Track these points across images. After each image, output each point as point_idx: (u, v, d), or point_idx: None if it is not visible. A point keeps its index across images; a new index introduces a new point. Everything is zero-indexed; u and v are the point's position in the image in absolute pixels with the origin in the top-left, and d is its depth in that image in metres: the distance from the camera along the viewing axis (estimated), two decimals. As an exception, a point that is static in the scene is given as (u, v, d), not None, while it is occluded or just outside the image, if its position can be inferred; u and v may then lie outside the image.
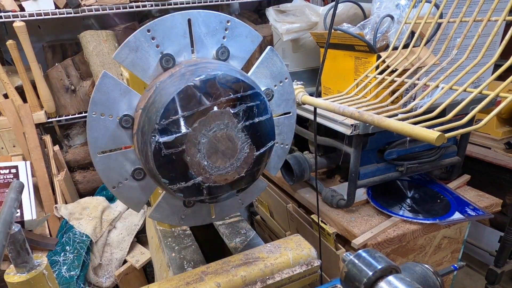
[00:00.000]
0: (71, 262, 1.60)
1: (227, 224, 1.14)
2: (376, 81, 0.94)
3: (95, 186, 2.13)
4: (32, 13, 1.72)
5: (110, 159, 0.70)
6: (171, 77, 0.64)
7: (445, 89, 0.77)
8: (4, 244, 0.52)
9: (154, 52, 0.67)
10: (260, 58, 0.78)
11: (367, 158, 1.23)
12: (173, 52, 0.68)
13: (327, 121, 1.16)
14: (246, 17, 2.42)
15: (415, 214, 1.21)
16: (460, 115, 0.62)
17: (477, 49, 1.16)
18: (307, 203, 1.38)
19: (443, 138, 0.52)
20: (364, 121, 0.68)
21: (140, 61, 0.66)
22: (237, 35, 0.73)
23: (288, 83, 0.82)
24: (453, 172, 1.40)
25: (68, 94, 2.02)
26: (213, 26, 0.71)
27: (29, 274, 0.55)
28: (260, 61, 0.78)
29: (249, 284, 0.71)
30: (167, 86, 0.62)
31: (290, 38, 1.44)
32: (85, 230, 1.71)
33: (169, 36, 0.67)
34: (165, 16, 0.66)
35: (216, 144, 0.64)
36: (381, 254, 0.53)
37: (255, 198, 1.82)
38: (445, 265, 1.39)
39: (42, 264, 0.58)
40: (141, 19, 2.32)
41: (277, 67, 0.80)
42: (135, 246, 1.87)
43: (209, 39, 0.71)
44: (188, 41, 0.69)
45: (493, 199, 1.30)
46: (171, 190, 0.65)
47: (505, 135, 1.77)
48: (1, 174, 1.65)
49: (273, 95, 0.81)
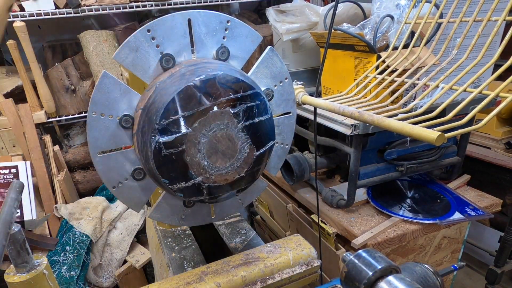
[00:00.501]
0: (71, 262, 1.60)
1: (227, 224, 1.14)
2: (376, 81, 0.94)
3: (95, 186, 2.13)
4: (32, 13, 1.72)
5: (110, 159, 0.70)
6: (171, 77, 0.64)
7: (445, 89, 0.77)
8: (4, 244, 0.52)
9: (154, 52, 0.67)
10: (260, 58, 0.78)
11: (367, 158, 1.23)
12: (173, 52, 0.68)
13: (327, 121, 1.16)
14: (246, 17, 2.42)
15: (415, 214, 1.21)
16: (460, 115, 0.62)
17: (477, 49, 1.16)
18: (307, 203, 1.38)
19: (443, 138, 0.52)
20: (364, 121, 0.68)
21: (140, 61, 0.66)
22: (237, 35, 0.73)
23: (288, 83, 0.82)
24: (453, 172, 1.40)
25: (68, 94, 2.02)
26: (213, 26, 0.71)
27: (29, 274, 0.55)
28: (260, 61, 0.78)
29: (249, 284, 0.71)
30: (167, 86, 0.62)
31: (290, 38, 1.44)
32: (85, 230, 1.71)
33: (169, 36, 0.67)
34: (165, 16, 0.66)
35: (216, 144, 0.64)
36: (381, 254, 0.53)
37: (255, 198, 1.82)
38: (445, 265, 1.39)
39: (42, 264, 0.58)
40: (141, 19, 2.32)
41: (277, 67, 0.80)
42: (135, 246, 1.87)
43: (209, 39, 0.71)
44: (188, 41, 0.69)
45: (493, 199, 1.30)
46: (171, 190, 0.65)
47: (505, 135, 1.77)
48: (1, 174, 1.65)
49: (273, 95, 0.81)
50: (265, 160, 0.72)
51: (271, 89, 0.80)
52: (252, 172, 0.70)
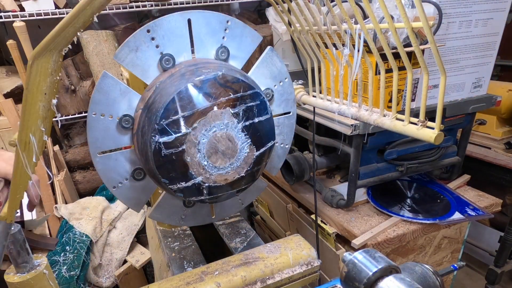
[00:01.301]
0: (71, 262, 1.60)
1: (227, 224, 1.14)
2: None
3: (95, 186, 2.13)
4: (32, 13, 1.72)
5: (110, 159, 0.70)
6: (171, 77, 0.64)
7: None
8: (4, 244, 0.52)
9: (154, 52, 0.67)
10: (260, 58, 0.78)
11: (367, 158, 1.23)
12: (173, 52, 0.68)
13: (327, 121, 1.16)
14: (246, 17, 2.42)
15: (415, 214, 1.21)
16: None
17: (477, 48, 1.16)
18: (307, 203, 1.38)
19: (442, 137, 0.52)
20: (364, 121, 0.68)
21: (140, 61, 0.66)
22: (237, 35, 0.73)
23: (288, 83, 0.82)
24: (453, 172, 1.40)
25: (68, 94, 2.02)
26: (213, 26, 0.71)
27: (29, 274, 0.55)
28: (260, 61, 0.78)
29: (249, 284, 0.71)
30: (167, 86, 0.62)
31: (290, 38, 1.44)
32: (85, 230, 1.71)
33: (168, 36, 0.67)
34: (165, 16, 0.66)
35: (216, 144, 0.64)
36: (381, 254, 0.53)
37: (255, 198, 1.82)
38: (445, 265, 1.39)
39: (42, 264, 0.58)
40: (141, 19, 2.32)
41: (277, 67, 0.80)
42: (135, 246, 1.87)
43: (209, 39, 0.71)
44: (188, 41, 0.69)
45: (493, 199, 1.30)
46: (171, 190, 0.65)
47: (505, 135, 1.77)
48: (1, 174, 1.65)
49: (273, 95, 0.81)
50: (265, 160, 0.72)
51: (271, 89, 0.80)
52: (252, 172, 0.70)
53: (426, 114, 0.55)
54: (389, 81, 1.03)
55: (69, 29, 0.45)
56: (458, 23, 1.06)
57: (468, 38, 1.10)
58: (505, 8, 1.10)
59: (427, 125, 0.54)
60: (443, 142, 0.87)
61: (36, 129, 0.50)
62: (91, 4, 0.43)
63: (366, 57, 0.65)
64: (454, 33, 1.07)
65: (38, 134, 0.51)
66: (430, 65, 1.06)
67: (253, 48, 0.76)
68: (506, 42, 1.23)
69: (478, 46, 1.14)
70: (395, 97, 0.63)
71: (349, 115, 0.73)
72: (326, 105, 0.81)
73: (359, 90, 0.70)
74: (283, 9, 0.81)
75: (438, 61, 0.49)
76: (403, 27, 0.53)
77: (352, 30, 0.64)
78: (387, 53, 0.58)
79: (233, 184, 0.70)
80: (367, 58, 0.66)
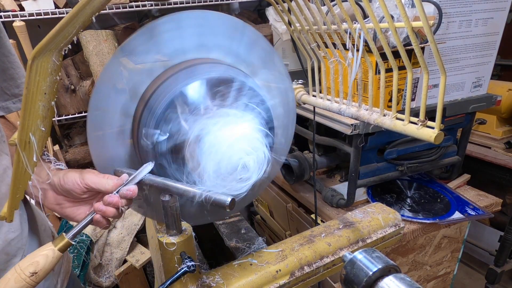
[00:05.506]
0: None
1: (227, 223, 1.14)
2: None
3: (95, 186, 2.12)
4: (32, 13, 1.72)
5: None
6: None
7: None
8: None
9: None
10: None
11: (367, 157, 1.23)
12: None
13: (327, 121, 1.16)
14: (246, 16, 2.42)
15: (415, 213, 1.21)
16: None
17: (478, 48, 1.16)
18: (307, 202, 1.38)
19: (442, 136, 0.52)
20: (364, 121, 0.68)
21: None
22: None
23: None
24: (453, 172, 1.40)
25: (68, 93, 2.02)
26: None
27: (181, 236, 0.64)
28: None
29: (353, 243, 0.78)
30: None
31: (290, 37, 1.44)
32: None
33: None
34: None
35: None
36: (380, 254, 0.53)
37: (255, 198, 1.82)
38: (445, 264, 1.40)
39: (188, 229, 0.66)
40: (141, 18, 2.32)
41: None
42: (135, 246, 1.87)
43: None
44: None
45: (493, 198, 1.30)
46: (171, 190, 0.65)
47: (505, 135, 1.77)
48: (1, 174, 1.65)
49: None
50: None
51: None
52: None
53: (426, 114, 0.54)
54: (389, 80, 1.03)
55: (68, 28, 0.45)
56: (458, 22, 1.06)
57: (468, 37, 1.10)
58: (505, 8, 1.10)
59: (427, 125, 0.54)
60: (443, 141, 0.87)
61: (36, 129, 0.50)
62: (91, 4, 0.43)
63: (366, 57, 0.65)
64: (454, 32, 1.07)
65: (38, 133, 0.51)
66: (430, 65, 1.06)
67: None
68: (506, 42, 1.23)
69: (478, 46, 1.14)
70: (395, 96, 0.63)
71: (349, 115, 0.73)
72: (326, 104, 0.81)
73: (359, 90, 0.70)
74: (283, 9, 0.80)
75: (438, 61, 0.49)
76: (403, 27, 0.53)
77: (352, 29, 0.64)
78: (387, 52, 0.58)
79: (233, 184, 0.69)
80: (367, 58, 0.66)
